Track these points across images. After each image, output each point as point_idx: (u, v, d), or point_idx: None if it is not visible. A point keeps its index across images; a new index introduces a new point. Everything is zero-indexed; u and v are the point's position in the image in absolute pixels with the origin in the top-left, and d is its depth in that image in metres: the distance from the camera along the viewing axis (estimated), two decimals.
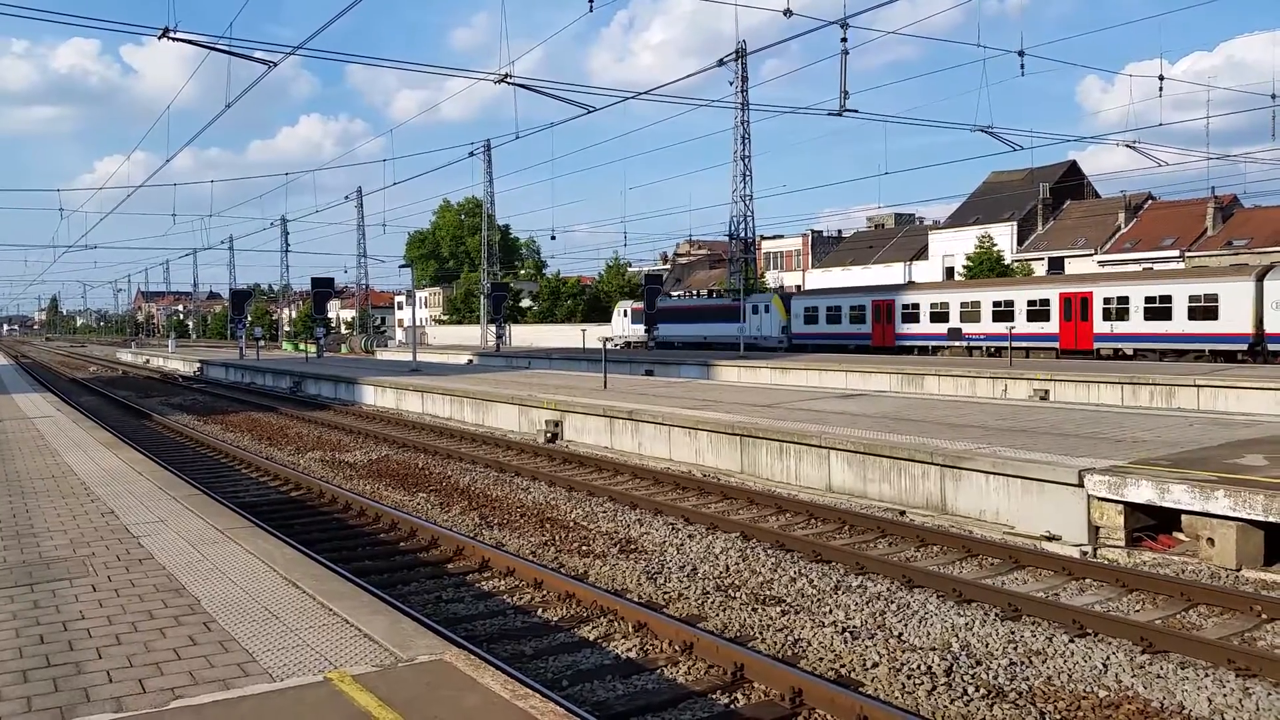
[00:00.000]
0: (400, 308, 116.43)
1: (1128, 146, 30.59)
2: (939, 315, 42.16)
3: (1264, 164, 60.30)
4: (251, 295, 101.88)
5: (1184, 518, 10.02)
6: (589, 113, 22.62)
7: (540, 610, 8.66)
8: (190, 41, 20.59)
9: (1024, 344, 37.44)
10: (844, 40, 22.43)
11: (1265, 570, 9.35)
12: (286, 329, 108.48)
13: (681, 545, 11.01)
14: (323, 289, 57.66)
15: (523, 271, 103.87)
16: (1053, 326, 37.47)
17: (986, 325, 39.91)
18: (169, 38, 19.33)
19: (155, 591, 6.70)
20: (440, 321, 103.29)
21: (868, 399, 20.72)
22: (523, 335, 78.48)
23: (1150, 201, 65.84)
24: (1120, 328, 35.46)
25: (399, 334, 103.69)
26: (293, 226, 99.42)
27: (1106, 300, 35.85)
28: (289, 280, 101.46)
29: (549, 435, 20.12)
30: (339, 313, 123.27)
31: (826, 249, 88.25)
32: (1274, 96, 30.87)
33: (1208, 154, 66.53)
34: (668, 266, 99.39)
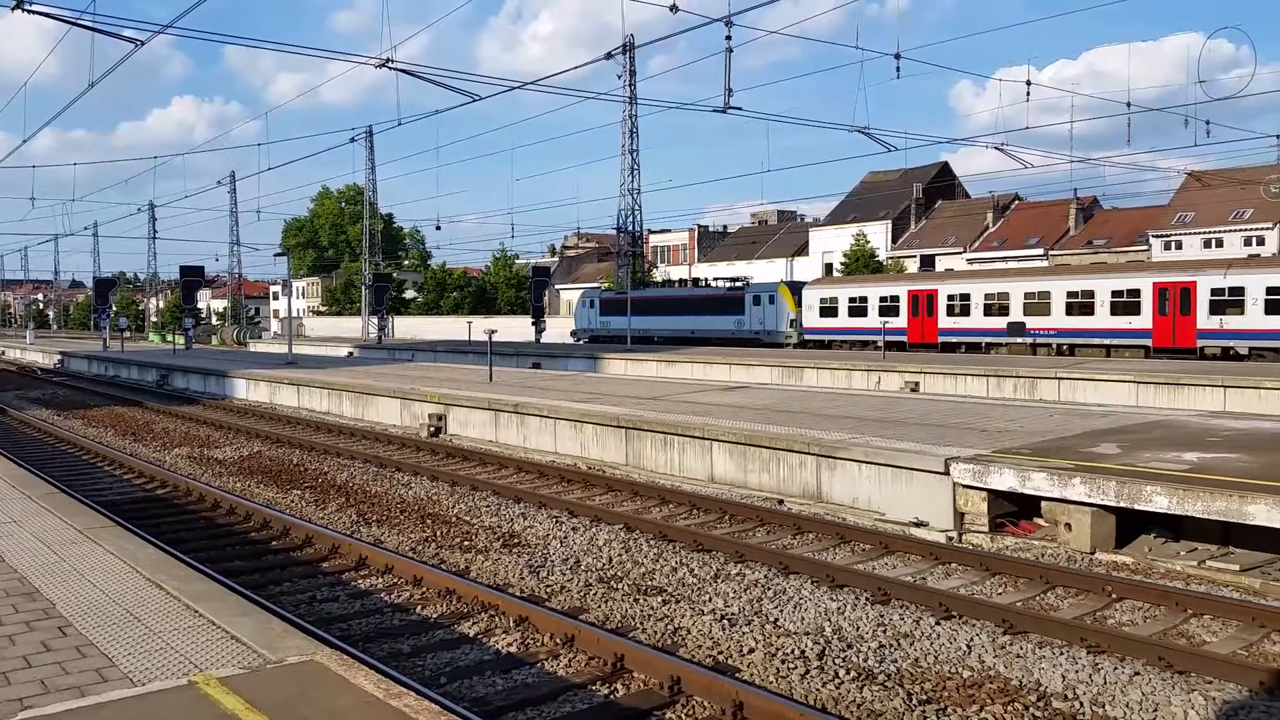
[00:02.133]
0: (276, 298, 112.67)
1: (996, 149, 31.97)
2: (996, 308, 36.93)
3: (1122, 167, 64.07)
4: (116, 284, 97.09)
5: (1043, 504, 10.54)
6: (474, 101, 22.34)
7: (419, 608, 8.53)
8: (48, 15, 19.43)
9: (1106, 341, 33.39)
10: (728, 38, 22.75)
11: (1117, 553, 9.92)
12: (154, 320, 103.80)
13: (565, 538, 11.01)
14: (192, 278, 55.50)
15: (406, 262, 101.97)
16: (1144, 321, 32.60)
17: (1058, 319, 34.96)
18: (24, 9, 18.19)
19: (5, 596, 6.32)
20: (319, 313, 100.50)
21: (750, 391, 21.10)
22: (406, 328, 77.06)
23: (1017, 202, 69.00)
24: (1233, 323, 30.65)
25: (274, 325, 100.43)
26: (162, 213, 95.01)
27: (1215, 291, 31.01)
28: (157, 269, 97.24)
29: (432, 429, 19.82)
30: (210, 303, 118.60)
31: (713, 244, 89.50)
32: (1129, 104, 32.70)
33: (1071, 157, 70.10)
34: (556, 259, 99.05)
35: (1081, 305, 34.33)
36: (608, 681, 6.72)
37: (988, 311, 37.10)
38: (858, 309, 41.64)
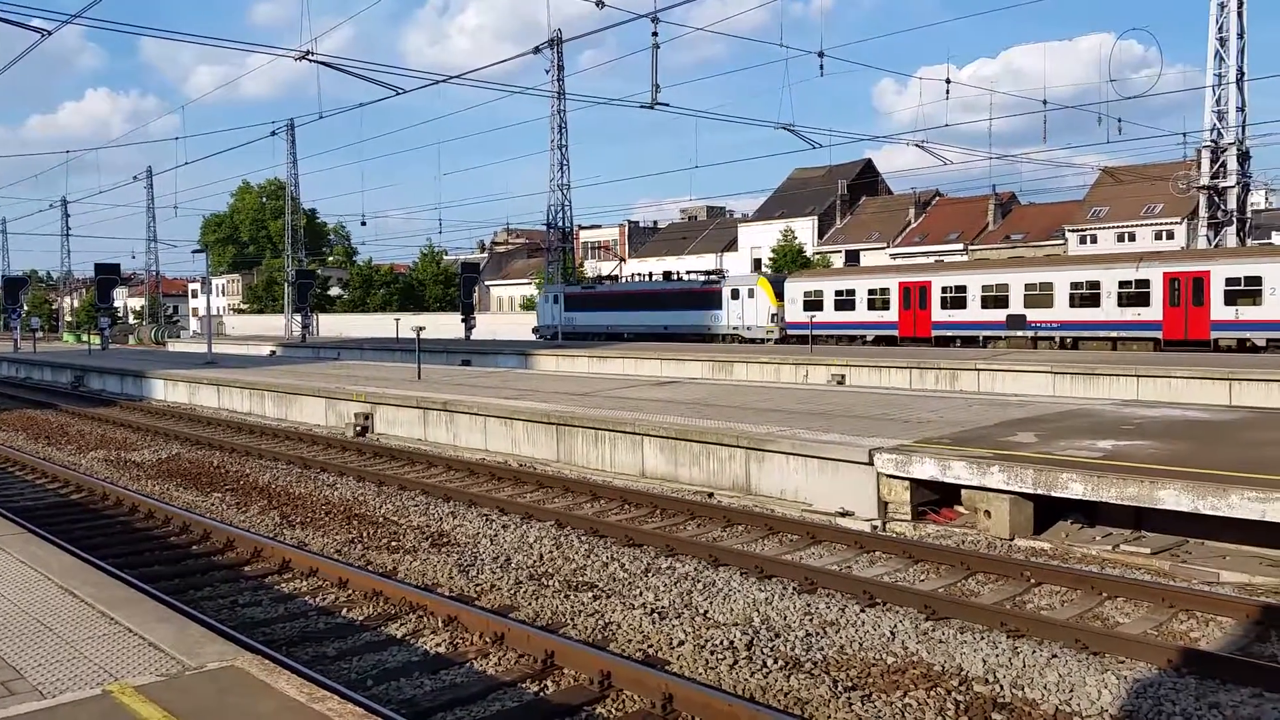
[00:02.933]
0: (195, 296, 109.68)
1: (917, 146, 32.64)
2: (994, 300, 35.20)
3: (1038, 164, 65.99)
4: (28, 282, 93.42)
5: (964, 492, 10.81)
6: (398, 94, 22.02)
7: (345, 610, 8.40)
8: None
9: (1114, 334, 32.05)
10: (655, 35, 22.82)
11: (1035, 539, 10.22)
12: (68, 319, 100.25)
13: (495, 536, 10.94)
14: (108, 276, 53.74)
15: (331, 258, 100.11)
16: (1154, 312, 31.27)
17: (1061, 311, 33.40)
18: None
19: None
20: (240, 311, 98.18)
21: (680, 386, 21.21)
22: (331, 325, 75.70)
23: (938, 198, 70.51)
24: (1249, 313, 29.31)
25: (194, 324, 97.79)
26: (75, 209, 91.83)
27: (1230, 280, 29.68)
28: (70, 266, 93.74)
29: (358, 429, 19.51)
30: (126, 301, 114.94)
31: (643, 239, 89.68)
32: (1045, 102, 33.66)
33: (989, 154, 71.87)
34: (486, 255, 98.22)
35: (1087, 297, 32.69)
36: (538, 679, 6.70)
37: (985, 304, 35.39)
38: (844, 302, 39.77)
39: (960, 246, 63.07)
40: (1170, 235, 55.05)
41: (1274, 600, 8.09)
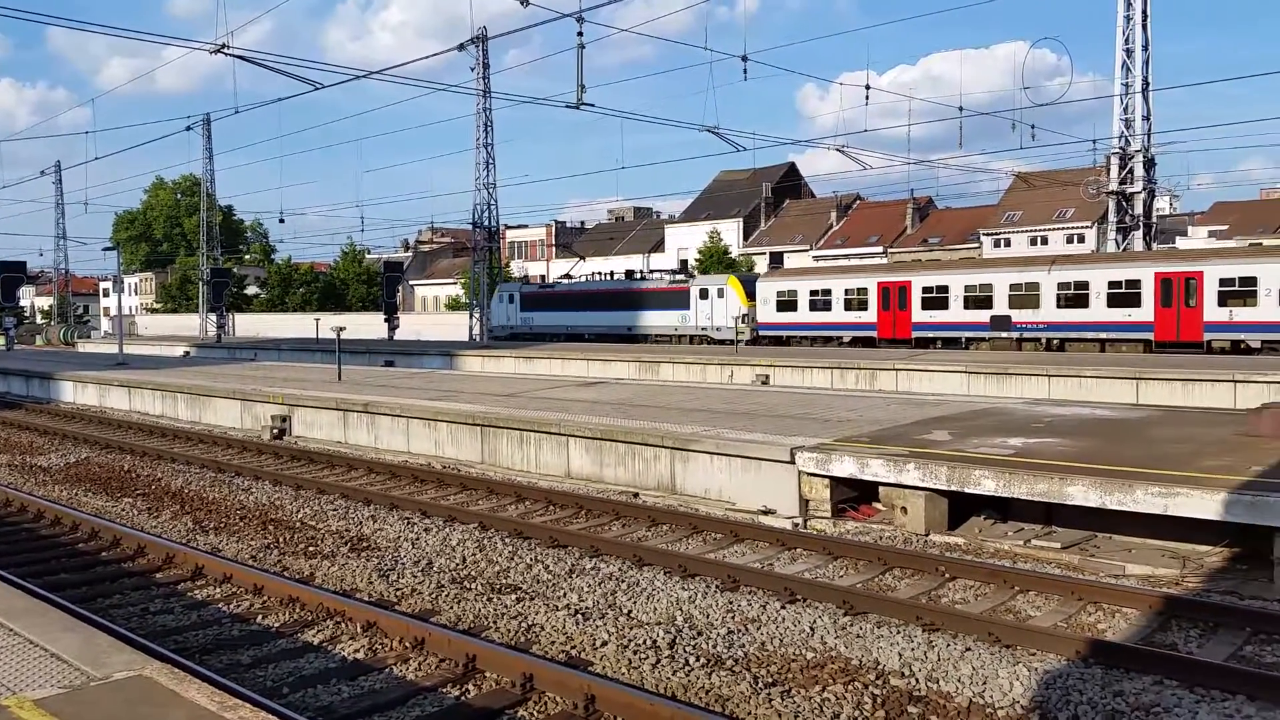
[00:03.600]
0: (106, 295, 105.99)
1: (838, 150, 33.17)
2: (978, 300, 34.14)
3: (954, 169, 67.56)
4: None
5: (881, 489, 11.02)
6: (316, 89, 21.59)
7: (260, 617, 8.21)
8: None
9: (1103, 335, 31.13)
10: (580, 34, 22.78)
11: (950, 534, 10.47)
12: None
13: (417, 540, 10.80)
14: (13, 274, 51.64)
15: (248, 256, 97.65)
16: (1145, 313, 30.33)
17: (1049, 312, 32.44)
18: None
19: None
20: (153, 310, 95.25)
21: (607, 386, 21.22)
22: (249, 325, 73.87)
23: (859, 202, 71.81)
24: (1244, 314, 28.51)
25: (105, 324, 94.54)
26: None
27: (1224, 281, 28.87)
28: None
29: (275, 431, 19.07)
30: (34, 301, 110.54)
31: (570, 239, 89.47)
32: (961, 109, 34.52)
33: (909, 159, 73.58)
34: (409, 254, 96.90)
35: (1075, 297, 31.77)
36: (459, 683, 6.64)
37: (968, 304, 34.28)
38: (820, 303, 38.49)
39: (880, 249, 64.35)
40: (1081, 239, 56.95)
41: (1175, 591, 8.43)
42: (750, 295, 40.64)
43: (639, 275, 48.51)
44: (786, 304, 39.57)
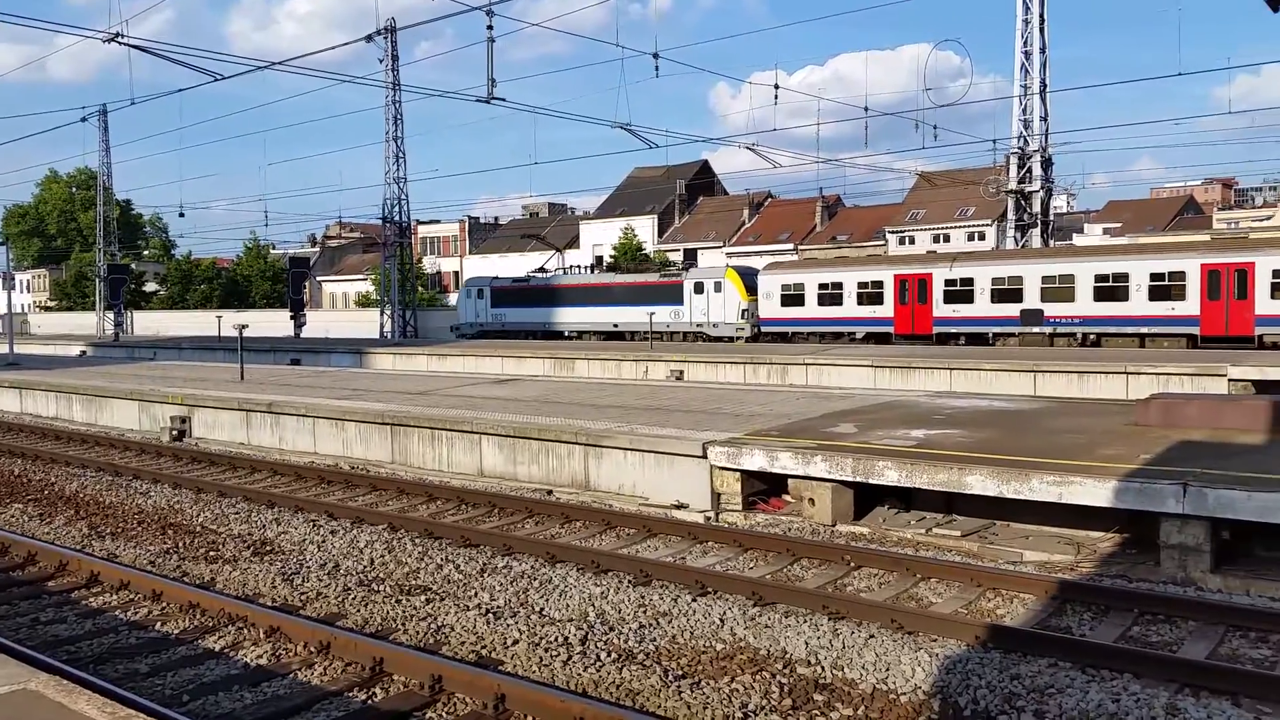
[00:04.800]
0: None
1: (749, 149, 33.55)
2: (1006, 293, 32.05)
3: (862, 168, 69.07)
4: None
5: (790, 481, 11.21)
6: (216, 80, 20.94)
7: (159, 624, 7.94)
8: None
9: (1143, 330, 29.47)
10: (490, 28, 22.58)
11: (855, 524, 10.71)
12: None
13: (323, 542, 10.58)
14: None
15: (147, 252, 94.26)
16: (1190, 307, 28.67)
17: (1084, 305, 30.59)
18: None
19: None
20: (47, 308, 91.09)
21: (521, 383, 21.09)
22: (148, 323, 71.24)
23: (770, 199, 72.84)
24: None
25: None
26: None
27: (1278, 272, 27.25)
28: None
29: (175, 433, 18.46)
30: None
31: (483, 235, 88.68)
32: (866, 109, 35.28)
33: (818, 158, 74.83)
34: (317, 250, 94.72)
35: (1113, 290, 29.98)
36: (365, 686, 6.53)
37: (996, 298, 32.15)
38: (830, 296, 36.23)
39: (791, 246, 65.37)
40: (982, 236, 58.77)
41: (1069, 576, 8.77)
42: (750, 289, 38.65)
43: (559, 270, 46.78)
44: (792, 298, 37.29)
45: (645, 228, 73.28)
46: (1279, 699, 6.09)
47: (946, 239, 59.53)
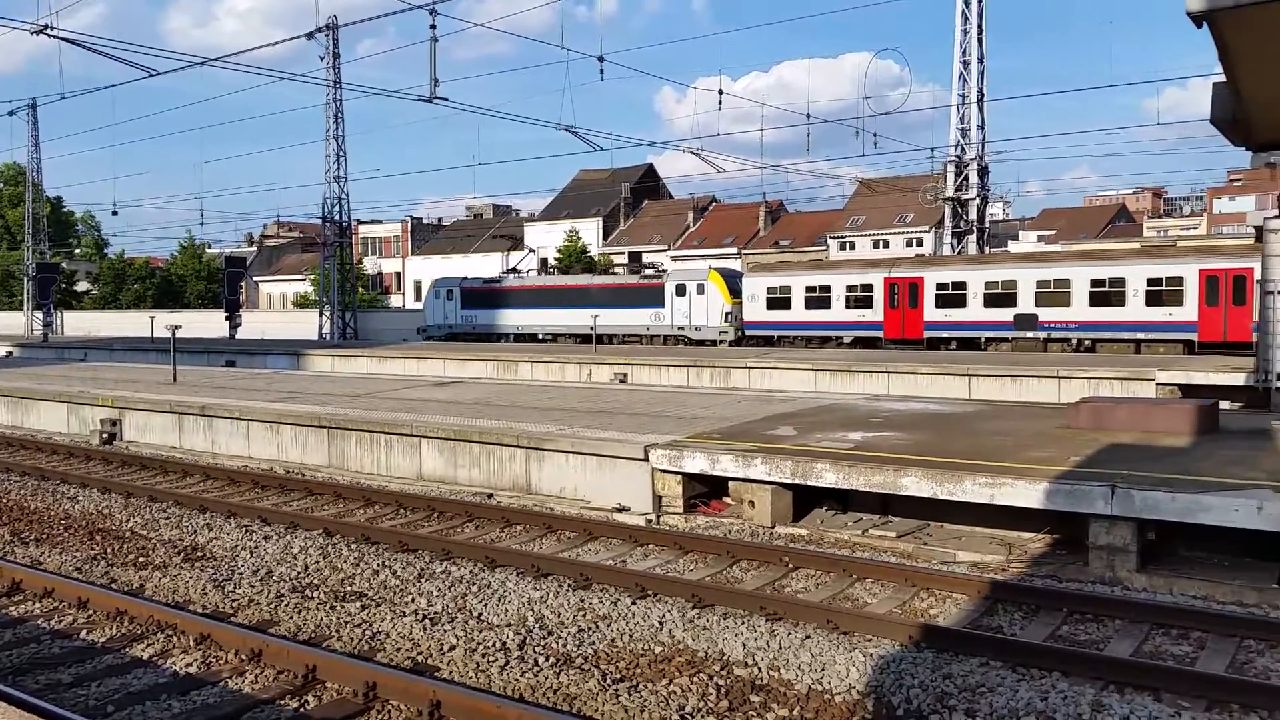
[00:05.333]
0: None
1: (693, 153, 33.69)
2: (1000, 298, 31.69)
3: (804, 174, 69.78)
4: None
5: (731, 484, 11.27)
6: (150, 76, 20.46)
7: (85, 632, 7.72)
8: None
9: (1140, 335, 29.24)
10: (433, 27, 22.41)
11: (794, 526, 10.81)
12: None
13: (256, 548, 10.38)
14: None
15: (79, 251, 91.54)
16: (1188, 312, 28.54)
17: (1079, 310, 30.32)
18: None
19: None
20: None
21: (463, 386, 20.92)
22: (79, 324, 69.27)
23: (715, 204, 73.25)
24: None
25: None
26: None
27: None
28: None
29: (105, 436, 17.98)
30: None
31: (426, 236, 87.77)
32: (809, 116, 35.68)
33: (761, 163, 75.53)
34: (254, 249, 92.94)
35: (1109, 295, 29.76)
36: (298, 694, 6.42)
37: (989, 302, 31.81)
38: (818, 300, 35.58)
39: (734, 250, 65.79)
40: (920, 243, 59.74)
41: (1001, 576, 8.94)
42: (734, 292, 37.99)
43: (597, 269, 45.34)
44: (778, 301, 36.69)
45: (590, 230, 73.19)
46: (1198, 694, 6.28)
47: (886, 245, 60.44)
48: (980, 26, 38.25)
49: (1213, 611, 7.80)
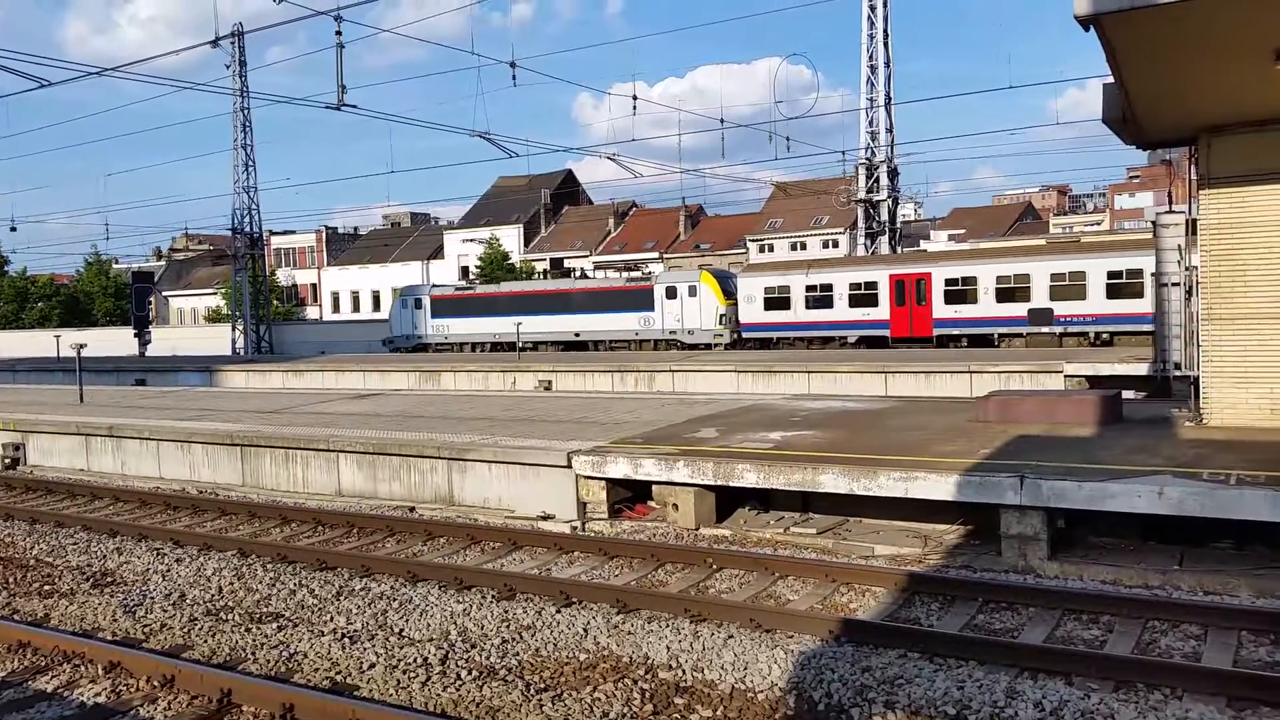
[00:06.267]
0: None
1: (610, 159, 33.73)
2: (1012, 292, 30.81)
3: (722, 179, 70.43)
4: None
5: (655, 488, 11.31)
6: (42, 86, 19.72)
7: None
8: None
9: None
10: (338, 33, 22.04)
11: (718, 527, 10.89)
12: None
13: (169, 571, 10.06)
14: None
15: None
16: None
17: (1096, 303, 29.67)
18: None
19: None
20: None
21: (383, 398, 20.61)
22: None
23: (635, 209, 73.55)
24: None
25: None
26: None
27: None
28: None
29: (7, 461, 17.26)
30: None
31: (343, 246, 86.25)
32: (723, 121, 36.04)
33: (679, 169, 75.81)
34: (163, 263, 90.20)
35: (1128, 287, 29.10)
36: None
37: (1001, 297, 30.93)
38: (820, 299, 34.50)
39: (656, 255, 66.13)
40: (835, 244, 60.83)
41: (918, 568, 9.14)
42: (728, 293, 36.96)
43: (576, 274, 44.04)
44: (777, 301, 35.52)
45: (511, 237, 72.82)
46: (1106, 675, 6.50)
47: (803, 246, 61.40)
48: (886, 31, 39.17)
49: (1120, 595, 8.08)
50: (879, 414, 14.57)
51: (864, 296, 33.67)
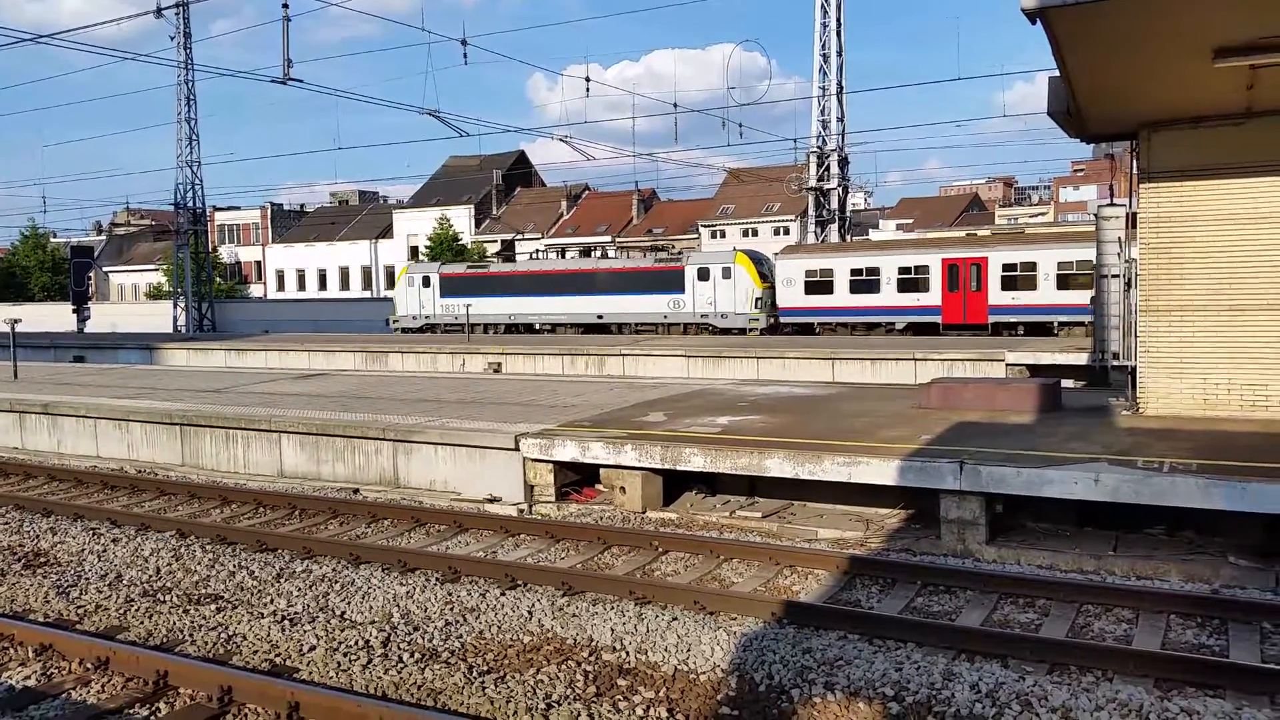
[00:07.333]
0: None
1: (562, 140, 33.55)
2: (1074, 279, 29.23)
3: (675, 164, 70.47)
4: None
5: (602, 471, 11.32)
6: None
7: None
8: None
9: None
10: (285, 6, 21.61)
11: (665, 510, 10.94)
12: None
13: (104, 551, 9.85)
14: None
15: None
16: None
17: None
18: None
19: None
20: None
21: (328, 378, 20.33)
22: None
23: (588, 191, 73.26)
24: None
25: None
26: None
27: None
28: None
29: None
30: None
31: (289, 223, 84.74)
32: (676, 105, 36.04)
33: (634, 152, 75.62)
34: (103, 238, 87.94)
35: None
36: (148, 702, 6.14)
37: (1063, 284, 29.61)
38: (866, 283, 32.90)
39: (609, 238, 65.98)
40: (787, 231, 61.18)
41: (860, 552, 9.27)
42: (765, 276, 35.19)
43: (595, 252, 42.09)
44: (819, 285, 33.82)
45: (462, 218, 72.09)
46: (1041, 658, 6.65)
47: (755, 233, 61.67)
48: (839, 20, 39.36)
49: (1056, 580, 8.27)
50: (824, 399, 14.71)
51: (914, 281, 32.26)
